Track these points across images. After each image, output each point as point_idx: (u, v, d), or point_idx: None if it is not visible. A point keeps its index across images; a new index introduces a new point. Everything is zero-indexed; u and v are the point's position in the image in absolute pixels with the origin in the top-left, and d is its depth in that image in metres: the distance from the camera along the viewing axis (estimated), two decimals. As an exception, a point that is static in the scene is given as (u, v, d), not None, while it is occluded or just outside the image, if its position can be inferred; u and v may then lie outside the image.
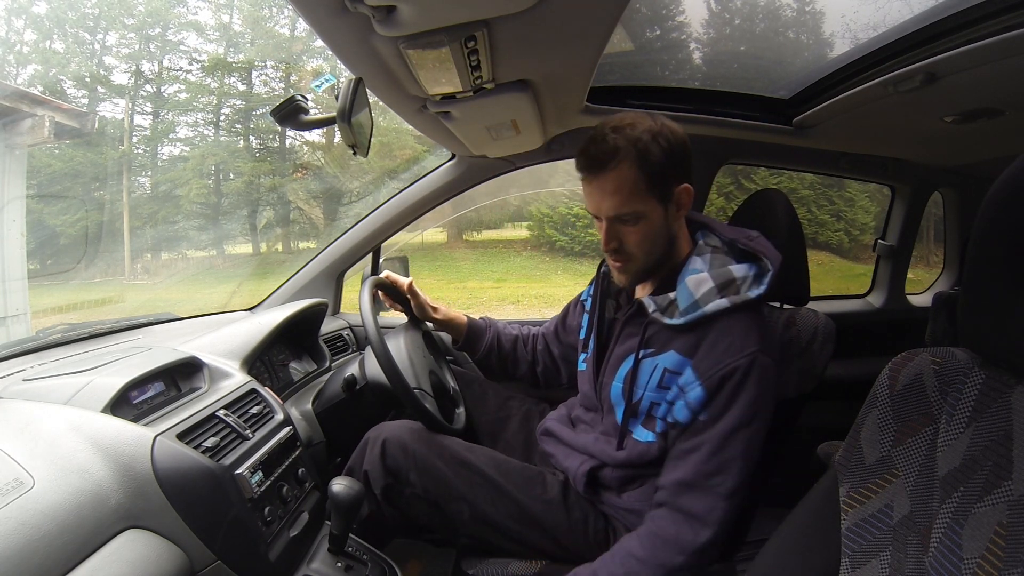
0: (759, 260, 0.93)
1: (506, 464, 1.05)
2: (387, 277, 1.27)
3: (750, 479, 0.87)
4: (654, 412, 0.94)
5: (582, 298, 1.25)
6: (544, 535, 1.00)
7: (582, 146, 0.92)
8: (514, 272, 9.77)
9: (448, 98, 1.02)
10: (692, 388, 0.87)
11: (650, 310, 0.93)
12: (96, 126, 9.35)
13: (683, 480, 0.87)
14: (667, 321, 0.91)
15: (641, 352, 0.95)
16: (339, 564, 0.89)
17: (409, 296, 1.29)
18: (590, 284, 1.23)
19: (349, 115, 0.81)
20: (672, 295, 0.92)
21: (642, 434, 0.96)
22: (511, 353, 1.32)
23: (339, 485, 0.85)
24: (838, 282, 8.36)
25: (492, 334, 1.31)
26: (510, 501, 1.00)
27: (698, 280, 0.90)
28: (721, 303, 0.88)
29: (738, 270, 0.91)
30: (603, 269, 1.13)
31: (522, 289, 8.94)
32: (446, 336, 1.38)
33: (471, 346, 1.32)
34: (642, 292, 1.03)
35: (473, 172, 1.61)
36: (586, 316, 1.18)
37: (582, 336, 1.17)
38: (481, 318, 1.35)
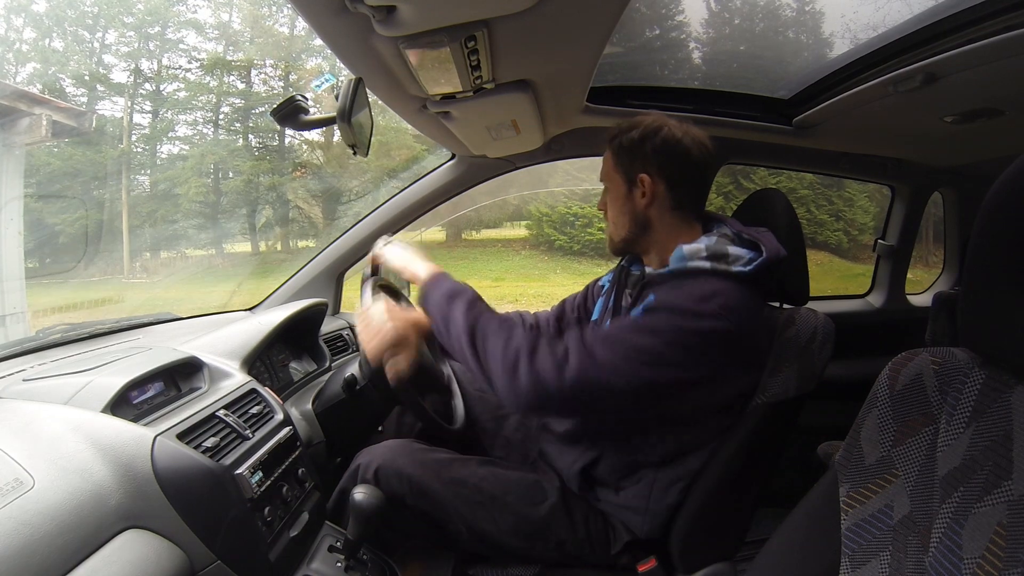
0: (759, 248, 0.96)
1: (504, 476, 1.03)
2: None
3: (610, 387, 0.83)
4: None
5: (600, 282, 1.24)
6: (546, 545, 0.99)
7: None
8: (513, 271, 9.76)
9: (448, 98, 1.02)
10: (645, 301, 0.89)
11: (637, 272, 1.01)
12: (94, 125, 9.33)
13: (580, 335, 0.87)
14: (654, 272, 0.97)
15: (632, 312, 0.96)
16: (339, 564, 0.90)
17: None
18: (610, 271, 1.23)
19: (349, 115, 0.81)
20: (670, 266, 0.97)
21: None
22: None
23: (361, 494, 0.86)
24: (837, 282, 8.36)
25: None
26: (510, 515, 0.99)
27: (692, 248, 0.94)
28: (703, 263, 0.91)
29: (734, 249, 0.94)
30: (623, 262, 1.14)
31: (520, 288, 8.93)
32: None
33: None
34: None
35: (473, 172, 1.61)
36: (601, 300, 1.18)
37: (595, 317, 1.16)
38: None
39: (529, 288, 8.92)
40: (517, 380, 0.83)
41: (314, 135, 10.56)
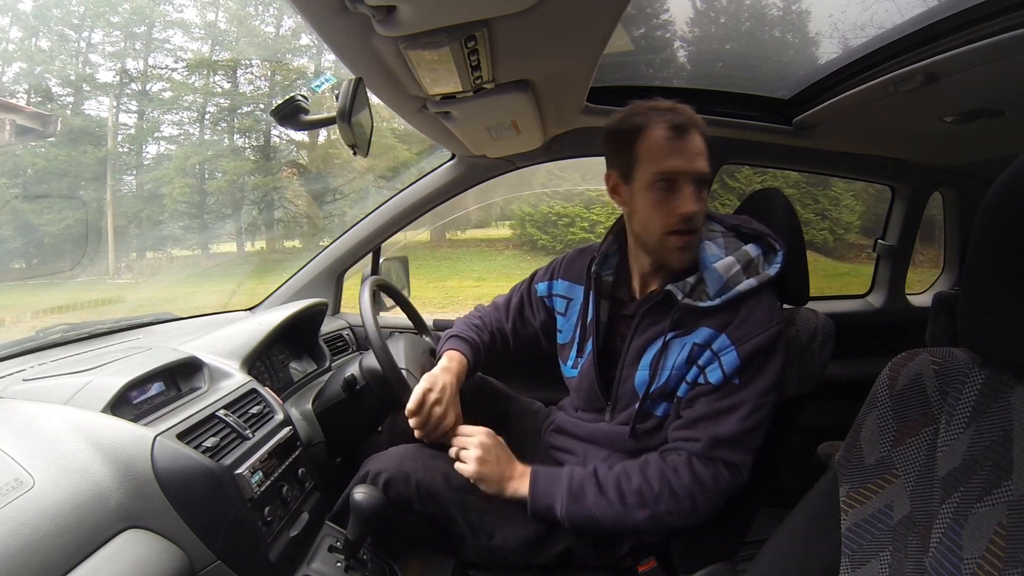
0: (763, 241, 0.99)
1: None
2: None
3: None
4: (675, 385, 0.97)
5: (539, 294, 1.20)
6: (552, 551, 0.98)
7: (661, 116, 0.95)
8: (495, 271, 9.65)
9: (448, 98, 1.02)
10: (727, 352, 0.92)
11: (679, 297, 0.95)
12: (59, 128, 9.13)
13: (724, 436, 0.91)
14: (701, 304, 0.94)
15: (669, 334, 0.96)
16: (339, 564, 0.90)
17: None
18: (547, 280, 1.19)
19: (349, 115, 0.81)
20: (691, 279, 0.96)
21: (662, 410, 0.99)
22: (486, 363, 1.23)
23: (360, 494, 0.86)
24: (822, 280, 8.24)
25: (484, 358, 1.21)
26: (518, 521, 0.98)
27: (726, 264, 0.95)
28: (750, 283, 0.94)
29: (752, 250, 0.97)
30: (594, 270, 1.08)
31: (501, 288, 8.80)
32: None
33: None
34: (640, 287, 1.05)
35: (473, 172, 1.61)
36: (562, 319, 1.14)
37: (563, 340, 1.14)
38: (460, 338, 1.18)
39: (510, 288, 8.88)
40: (697, 512, 0.92)
41: (300, 135, 10.54)
